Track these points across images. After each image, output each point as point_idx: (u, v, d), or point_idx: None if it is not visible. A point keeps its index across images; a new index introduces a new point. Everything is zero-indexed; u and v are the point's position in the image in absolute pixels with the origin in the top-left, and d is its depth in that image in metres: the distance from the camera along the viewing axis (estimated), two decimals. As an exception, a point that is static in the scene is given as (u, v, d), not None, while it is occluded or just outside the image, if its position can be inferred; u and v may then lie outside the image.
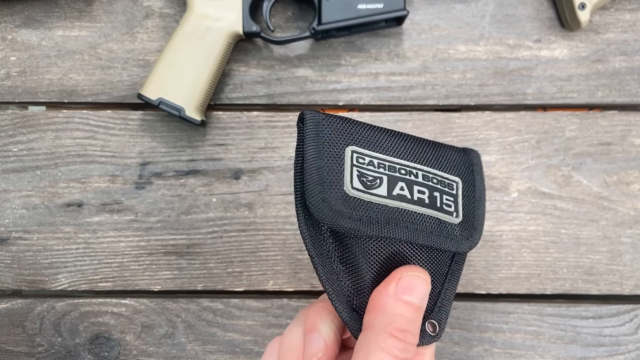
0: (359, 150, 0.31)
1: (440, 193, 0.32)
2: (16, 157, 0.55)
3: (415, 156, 0.32)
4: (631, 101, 0.55)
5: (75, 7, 0.56)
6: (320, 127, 0.31)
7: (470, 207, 0.33)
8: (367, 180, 0.30)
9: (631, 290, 0.54)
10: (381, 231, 0.30)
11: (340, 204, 0.30)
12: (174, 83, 0.51)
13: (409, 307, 0.28)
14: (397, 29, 0.56)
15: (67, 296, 0.55)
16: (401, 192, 0.31)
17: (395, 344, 0.28)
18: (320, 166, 0.30)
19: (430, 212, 0.31)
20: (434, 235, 0.31)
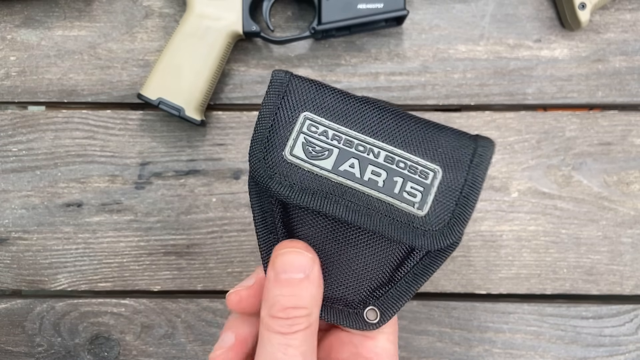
0: (315, 118, 0.30)
1: (403, 179, 0.29)
2: (16, 157, 0.55)
3: (387, 134, 0.30)
4: (631, 101, 0.55)
5: (75, 7, 0.56)
6: (286, 87, 0.30)
7: (449, 203, 0.30)
8: (313, 149, 0.30)
9: (631, 290, 0.54)
10: (313, 203, 0.29)
11: (276, 166, 0.30)
12: (173, 83, 0.51)
13: (289, 284, 0.28)
14: (397, 29, 0.56)
15: (67, 296, 0.55)
16: (350, 169, 0.29)
17: (278, 322, 0.28)
18: (272, 126, 0.30)
19: (381, 197, 0.29)
20: (381, 221, 0.29)
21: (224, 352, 0.32)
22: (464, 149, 0.30)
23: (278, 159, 0.30)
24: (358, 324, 0.31)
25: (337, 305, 0.32)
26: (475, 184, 0.30)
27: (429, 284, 0.54)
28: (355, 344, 0.32)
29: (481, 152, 0.30)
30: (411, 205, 0.29)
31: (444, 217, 0.29)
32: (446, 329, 0.54)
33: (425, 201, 0.29)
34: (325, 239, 0.31)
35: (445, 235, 0.29)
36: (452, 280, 0.54)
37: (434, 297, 0.55)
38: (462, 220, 0.29)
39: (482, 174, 0.30)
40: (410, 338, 0.54)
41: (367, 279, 0.31)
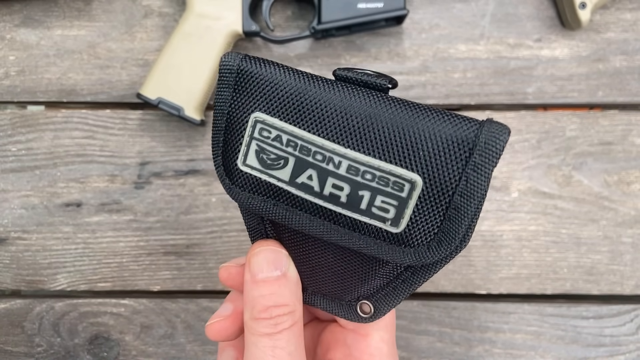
0: (267, 120, 0.25)
1: (372, 193, 0.24)
2: (15, 157, 0.55)
3: (352, 136, 0.24)
4: (632, 100, 0.55)
5: (74, 6, 0.56)
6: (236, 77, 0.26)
7: (434, 216, 0.24)
8: (267, 158, 0.26)
9: (632, 290, 0.54)
10: (277, 214, 0.26)
11: (236, 175, 0.27)
12: (173, 82, 0.51)
13: (266, 284, 0.28)
14: (397, 28, 0.55)
15: (66, 296, 0.55)
16: (308, 181, 0.25)
17: (261, 324, 0.27)
18: (226, 127, 0.26)
19: (345, 213, 0.25)
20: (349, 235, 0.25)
21: (221, 320, 0.31)
22: (457, 145, 0.23)
23: (234, 167, 0.27)
24: (351, 316, 0.29)
25: (328, 296, 0.30)
26: (470, 193, 0.23)
27: (429, 284, 0.54)
28: (348, 344, 0.31)
29: (481, 149, 0.22)
30: (382, 222, 0.24)
31: (429, 232, 0.24)
32: (446, 329, 0.54)
33: (401, 217, 0.24)
34: (303, 244, 0.29)
35: (433, 251, 0.24)
36: (452, 280, 0.54)
37: (434, 297, 0.55)
38: (453, 235, 0.24)
39: (481, 180, 0.23)
40: (410, 338, 0.54)
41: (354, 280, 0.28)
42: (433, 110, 0.24)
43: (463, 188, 0.23)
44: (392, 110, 0.24)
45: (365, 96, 0.24)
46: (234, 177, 0.27)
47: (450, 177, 0.23)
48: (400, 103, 0.24)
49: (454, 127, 0.23)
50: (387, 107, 0.24)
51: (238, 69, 0.26)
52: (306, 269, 0.29)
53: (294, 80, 0.25)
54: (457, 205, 0.23)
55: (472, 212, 0.23)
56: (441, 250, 0.24)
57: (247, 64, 0.26)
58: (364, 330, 0.31)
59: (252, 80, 0.26)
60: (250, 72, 0.26)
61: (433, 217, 0.24)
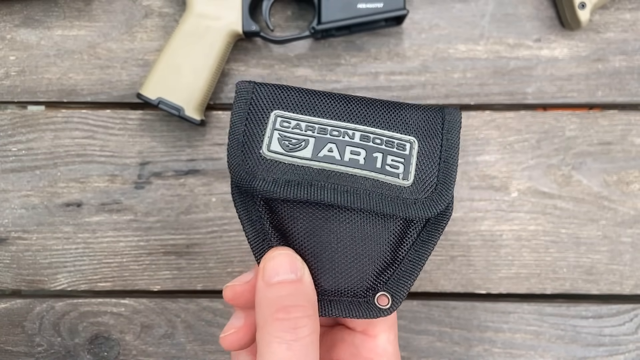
0: (285, 115, 0.31)
1: (383, 154, 0.30)
2: (15, 157, 0.55)
3: (356, 117, 0.31)
4: (631, 100, 0.55)
5: (75, 6, 0.56)
6: (251, 94, 0.31)
7: (431, 168, 0.31)
8: (289, 142, 0.30)
9: (631, 290, 0.54)
10: (299, 193, 0.29)
11: (257, 166, 0.30)
12: (173, 82, 0.51)
13: (282, 286, 0.28)
14: (397, 29, 0.56)
15: (67, 296, 0.55)
16: (329, 153, 0.30)
17: (280, 325, 0.27)
18: (244, 131, 0.31)
19: (366, 174, 0.30)
20: (370, 197, 0.29)
21: (235, 332, 0.32)
22: (432, 119, 0.32)
23: (257, 157, 0.30)
24: (370, 312, 0.30)
25: (345, 297, 0.31)
26: (451, 147, 0.31)
27: (429, 284, 0.54)
28: (356, 345, 0.32)
29: (449, 119, 0.32)
30: (396, 177, 0.30)
31: (431, 183, 0.30)
32: (446, 328, 0.54)
33: (409, 171, 0.30)
34: (320, 230, 0.30)
35: (435, 201, 0.30)
36: (452, 280, 0.54)
37: (434, 296, 0.55)
38: (448, 183, 0.30)
39: (455, 138, 0.31)
40: (410, 338, 0.54)
41: (369, 264, 0.31)
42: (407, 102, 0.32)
43: (446, 144, 0.31)
44: (379, 103, 0.32)
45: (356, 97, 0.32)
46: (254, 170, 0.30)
47: (435, 137, 0.31)
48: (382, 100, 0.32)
49: (426, 109, 0.32)
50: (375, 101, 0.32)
51: (252, 90, 0.31)
52: (323, 263, 0.31)
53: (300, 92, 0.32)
54: (446, 158, 0.31)
55: (457, 162, 0.31)
56: (442, 200, 0.30)
57: (260, 87, 0.32)
58: (373, 332, 0.32)
59: (266, 95, 0.31)
60: (263, 91, 0.31)
61: (431, 169, 0.31)
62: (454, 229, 0.54)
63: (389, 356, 0.32)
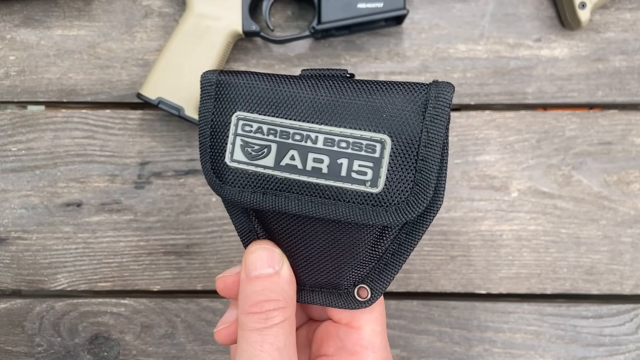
0: (248, 117, 0.29)
1: (349, 159, 0.27)
2: (15, 157, 0.55)
3: (323, 115, 0.28)
4: (631, 100, 0.55)
5: (75, 6, 0.56)
6: (216, 89, 0.30)
7: (406, 170, 0.27)
8: (252, 150, 0.29)
9: (631, 290, 0.54)
10: (265, 203, 0.29)
11: (223, 173, 0.29)
12: (173, 82, 0.51)
13: (260, 280, 0.29)
14: (397, 28, 0.56)
15: (67, 296, 0.55)
16: (291, 161, 0.28)
17: (252, 318, 0.28)
18: (211, 134, 0.30)
19: (330, 183, 0.28)
20: (336, 207, 0.28)
21: (227, 326, 0.32)
22: (412, 105, 0.27)
23: (223, 166, 0.29)
24: (349, 303, 0.31)
25: (326, 289, 0.31)
26: (432, 142, 0.27)
27: (428, 284, 0.54)
28: (341, 337, 0.32)
29: (434, 103, 0.27)
30: (362, 185, 0.27)
31: (405, 187, 0.27)
32: (446, 328, 0.54)
33: (378, 176, 0.27)
34: (295, 233, 0.30)
35: (412, 206, 0.27)
36: (452, 280, 0.54)
37: (434, 296, 0.55)
38: (426, 187, 0.27)
39: (438, 129, 0.26)
40: (410, 338, 0.54)
41: (346, 262, 0.30)
42: (388, 82, 0.28)
43: (425, 139, 0.27)
44: (352, 87, 0.28)
45: (329, 82, 0.29)
46: (223, 176, 0.30)
47: (412, 132, 0.27)
48: (359, 82, 0.28)
49: (407, 90, 0.27)
50: (348, 86, 0.28)
51: (217, 81, 0.30)
52: (302, 260, 0.31)
53: (266, 82, 0.29)
54: (424, 156, 0.27)
55: (438, 161, 0.27)
56: (418, 204, 0.27)
57: (225, 76, 0.30)
58: (357, 323, 0.32)
59: (230, 88, 0.30)
60: (227, 82, 0.30)
61: (406, 172, 0.27)
62: (453, 229, 0.54)
63: (375, 348, 0.31)
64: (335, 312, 0.33)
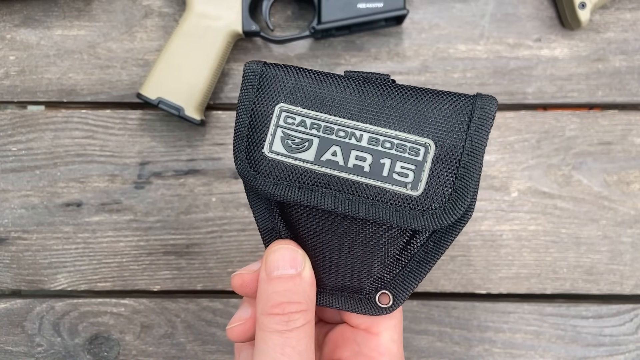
0: (291, 109, 0.29)
1: (392, 159, 0.28)
2: (15, 157, 0.55)
3: (369, 114, 0.28)
4: (631, 100, 0.55)
5: (74, 6, 0.56)
6: (259, 79, 0.29)
7: (447, 176, 0.27)
8: (292, 142, 0.29)
9: (631, 290, 0.54)
10: (300, 197, 0.28)
11: (259, 164, 0.29)
12: (173, 82, 0.51)
13: (281, 281, 0.28)
14: (397, 28, 0.55)
15: (67, 296, 0.55)
16: (333, 157, 0.28)
17: (273, 320, 0.28)
18: (250, 123, 0.29)
19: (370, 182, 0.28)
20: (373, 207, 0.28)
21: (242, 323, 0.32)
22: (458, 114, 0.28)
23: (260, 157, 0.29)
24: (370, 309, 0.30)
25: (347, 293, 0.31)
26: (475, 151, 0.27)
27: (428, 284, 0.54)
28: (359, 342, 0.32)
29: (479, 114, 0.28)
30: (403, 187, 0.28)
31: (444, 193, 0.27)
32: (446, 328, 0.54)
33: (419, 179, 0.28)
34: (323, 231, 0.30)
35: (448, 212, 0.27)
36: (452, 280, 0.54)
37: (434, 297, 0.55)
38: (465, 194, 0.27)
39: (481, 139, 0.27)
40: (410, 338, 0.54)
41: (372, 266, 0.30)
42: (434, 90, 0.29)
43: (469, 147, 0.27)
44: (400, 91, 0.29)
45: (375, 84, 0.29)
46: (258, 167, 0.29)
47: (457, 139, 0.27)
48: (405, 87, 0.29)
49: (454, 99, 0.28)
50: (395, 90, 0.29)
51: (261, 72, 0.29)
52: (327, 261, 0.31)
53: (311, 77, 0.29)
54: (466, 164, 0.27)
55: (479, 170, 0.27)
56: (455, 211, 0.27)
57: (269, 68, 0.30)
58: (376, 329, 0.31)
59: (274, 80, 0.29)
60: (271, 74, 0.29)
61: (447, 178, 0.27)
62: (454, 229, 0.54)
63: (392, 356, 0.31)
64: (353, 317, 0.32)
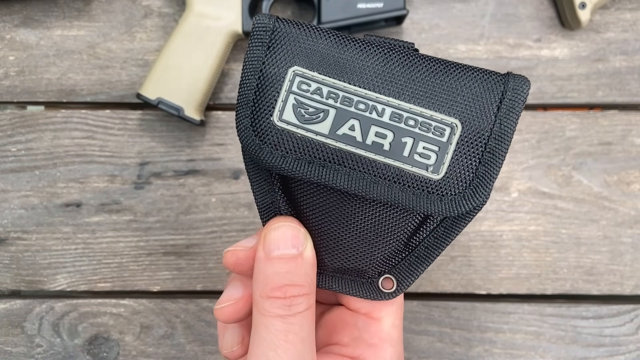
0: (306, 74, 0.26)
1: (414, 139, 0.25)
2: (15, 157, 0.55)
3: (393, 86, 0.25)
4: (631, 100, 0.55)
5: (74, 6, 0.56)
6: (271, 36, 0.26)
7: (471, 160, 0.25)
8: (305, 111, 0.26)
9: (632, 290, 0.54)
10: (309, 174, 0.26)
11: (266, 133, 0.26)
12: (173, 83, 0.51)
13: (282, 261, 0.26)
14: (397, 28, 0.55)
15: (66, 297, 0.55)
16: (350, 132, 0.26)
17: (274, 303, 0.26)
18: (257, 86, 0.26)
19: (389, 162, 0.26)
20: (390, 189, 0.26)
21: (233, 303, 0.29)
22: (489, 93, 0.25)
23: (267, 125, 0.26)
24: (372, 294, 0.28)
25: (349, 276, 0.29)
26: (503, 136, 0.25)
27: (428, 284, 0.54)
28: (359, 327, 0.30)
29: (511, 96, 0.25)
30: (424, 169, 0.25)
31: (466, 178, 0.25)
32: (446, 329, 0.54)
33: (442, 162, 0.25)
34: (330, 211, 0.28)
35: (467, 199, 0.25)
36: (452, 280, 0.54)
37: (434, 297, 0.55)
38: (487, 180, 0.25)
39: (512, 123, 0.25)
40: (410, 338, 0.54)
41: (379, 249, 0.28)
42: (464, 65, 0.26)
43: (497, 131, 0.25)
44: (427, 63, 0.26)
45: (401, 52, 0.26)
46: (265, 137, 0.26)
47: (485, 121, 0.25)
48: (433, 58, 0.26)
49: (484, 77, 0.26)
50: (422, 60, 0.26)
51: (274, 28, 0.26)
52: (329, 241, 0.29)
53: (331, 38, 0.26)
54: (492, 148, 0.25)
55: (504, 155, 0.25)
56: (476, 198, 0.25)
57: (283, 24, 0.26)
58: (377, 314, 0.30)
59: (288, 38, 0.26)
60: (285, 31, 0.26)
61: (470, 162, 0.25)
62: (454, 229, 0.54)
63: (393, 342, 0.30)
64: (353, 301, 0.30)
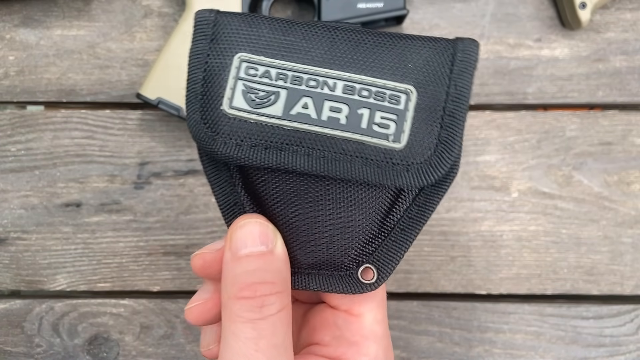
0: (252, 59, 0.25)
1: (370, 109, 0.25)
2: (14, 157, 0.55)
3: (342, 60, 0.25)
4: (632, 100, 0.55)
5: (74, 6, 0.56)
6: (214, 29, 0.26)
7: (431, 126, 0.25)
8: (256, 96, 0.25)
9: (632, 291, 0.54)
10: (267, 159, 0.25)
11: (218, 124, 0.25)
12: (173, 82, 0.51)
13: (250, 259, 0.25)
14: (397, 28, 0.55)
15: (66, 297, 0.55)
16: (303, 110, 0.25)
17: (244, 306, 0.24)
18: (204, 79, 0.26)
19: (348, 136, 0.25)
20: (352, 165, 0.25)
21: (202, 303, 0.28)
22: (439, 57, 0.25)
23: (218, 115, 0.25)
24: (352, 287, 0.27)
25: (325, 270, 0.28)
26: (460, 97, 0.25)
27: (429, 284, 0.54)
28: (340, 326, 0.29)
29: (462, 57, 0.25)
30: (385, 139, 0.25)
31: (430, 144, 0.25)
32: (446, 329, 0.54)
33: (402, 130, 0.25)
34: (295, 199, 0.27)
35: (434, 166, 0.25)
36: (452, 281, 0.54)
37: (434, 297, 0.55)
38: (451, 145, 0.25)
39: (466, 84, 0.25)
40: (410, 338, 0.54)
41: (353, 236, 0.27)
42: (409, 34, 0.26)
43: (454, 93, 0.25)
44: (374, 36, 0.26)
45: (347, 27, 0.26)
46: (217, 127, 0.26)
47: (440, 84, 0.25)
48: (379, 32, 0.26)
49: (433, 43, 0.25)
50: (369, 35, 0.26)
51: (215, 21, 0.26)
52: (300, 235, 0.27)
53: (275, 24, 0.26)
54: (451, 111, 0.25)
55: (465, 117, 0.25)
56: (442, 164, 0.25)
57: (224, 16, 0.26)
58: (357, 310, 0.28)
59: (231, 28, 0.26)
60: (227, 22, 0.26)
61: (431, 127, 0.25)
62: (454, 229, 0.54)
63: (377, 338, 0.28)
64: (332, 297, 0.29)
